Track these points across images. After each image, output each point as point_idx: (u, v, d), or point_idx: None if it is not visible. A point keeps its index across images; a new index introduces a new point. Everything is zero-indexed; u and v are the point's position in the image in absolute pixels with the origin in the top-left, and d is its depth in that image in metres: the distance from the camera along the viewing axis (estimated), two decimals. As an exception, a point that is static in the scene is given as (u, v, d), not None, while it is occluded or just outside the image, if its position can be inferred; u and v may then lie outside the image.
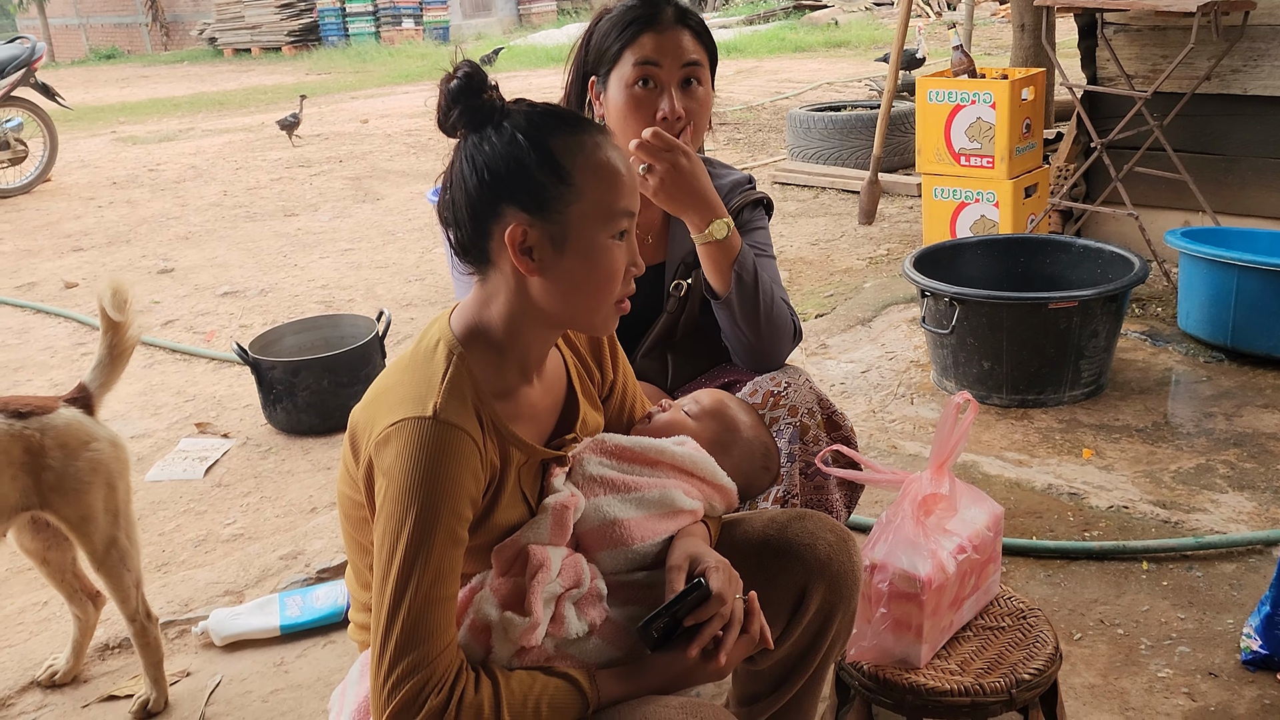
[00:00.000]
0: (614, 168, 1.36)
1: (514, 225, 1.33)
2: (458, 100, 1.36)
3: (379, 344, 3.83)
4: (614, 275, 1.37)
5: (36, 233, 6.75)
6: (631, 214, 1.38)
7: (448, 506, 1.28)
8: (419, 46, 17.48)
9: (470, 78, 1.36)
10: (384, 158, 8.41)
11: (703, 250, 1.90)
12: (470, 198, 1.36)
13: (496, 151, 1.34)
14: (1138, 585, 2.46)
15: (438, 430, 1.29)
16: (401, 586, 1.26)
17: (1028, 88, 4.59)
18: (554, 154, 1.33)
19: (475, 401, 1.35)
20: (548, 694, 1.32)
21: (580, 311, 1.39)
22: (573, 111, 1.41)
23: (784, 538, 1.57)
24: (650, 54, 1.88)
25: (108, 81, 15.83)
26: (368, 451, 1.33)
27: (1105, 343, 3.36)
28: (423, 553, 1.27)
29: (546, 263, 1.35)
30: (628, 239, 1.39)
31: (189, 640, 2.52)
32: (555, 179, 1.33)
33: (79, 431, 2.15)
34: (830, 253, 5.31)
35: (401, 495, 1.28)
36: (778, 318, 1.95)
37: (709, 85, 1.95)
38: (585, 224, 1.34)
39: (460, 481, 1.30)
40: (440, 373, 1.35)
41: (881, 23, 15.68)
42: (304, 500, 3.27)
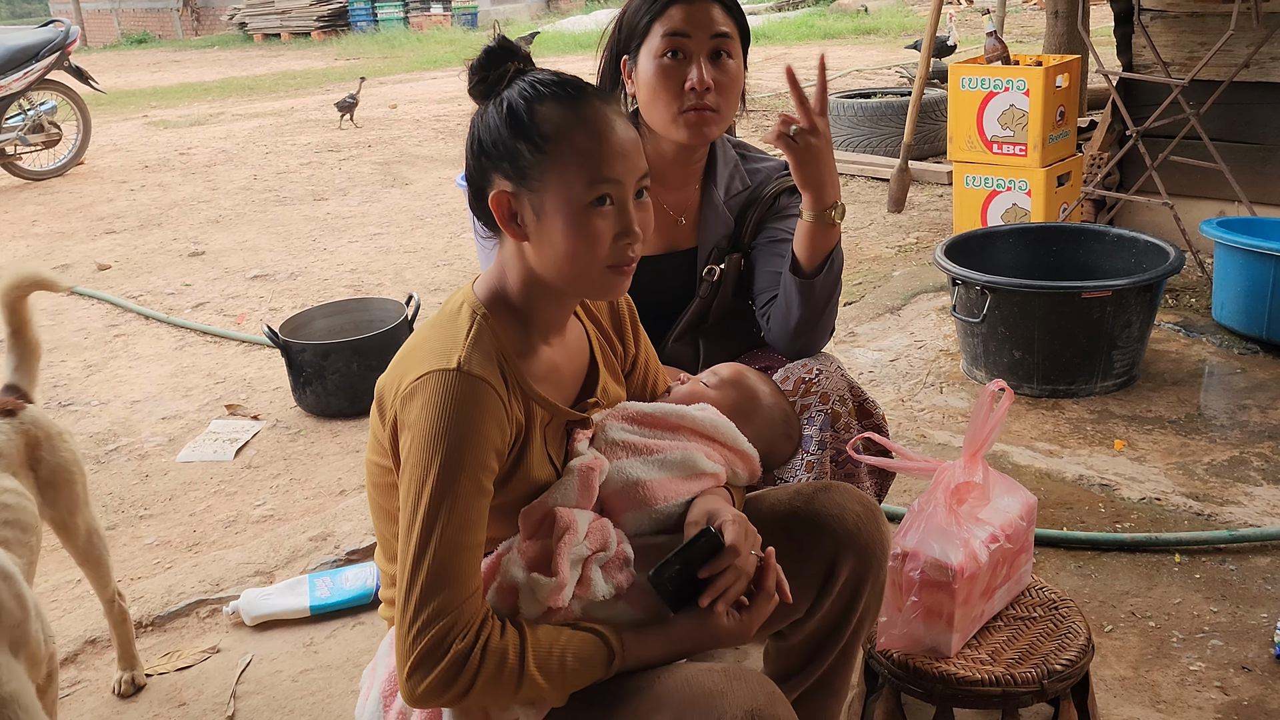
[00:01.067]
0: (598, 134, 1.36)
1: (498, 192, 1.37)
2: (475, 71, 1.41)
3: (408, 327, 3.84)
4: (595, 241, 1.36)
5: (70, 215, 6.81)
6: (617, 181, 1.36)
7: (472, 455, 1.30)
8: (447, 32, 17.50)
9: (490, 52, 1.40)
10: (412, 143, 8.43)
11: (807, 228, 1.87)
12: (470, 166, 1.42)
13: (489, 121, 1.39)
14: (1169, 578, 2.44)
15: (462, 381, 1.31)
16: (427, 533, 1.28)
17: (1062, 75, 4.54)
18: (534, 121, 1.35)
19: (500, 359, 1.38)
20: (573, 646, 1.33)
21: (571, 276, 1.40)
22: (575, 80, 1.41)
23: (811, 509, 1.57)
24: (679, 25, 1.87)
25: (139, 66, 15.94)
26: (393, 408, 1.36)
27: (1139, 333, 3.33)
28: (448, 499, 1.28)
29: (531, 229, 1.38)
30: (617, 207, 1.37)
31: (220, 619, 2.54)
32: (531, 146, 1.35)
33: (54, 424, 2.13)
34: (859, 241, 5.28)
35: (427, 444, 1.29)
36: (834, 311, 1.97)
37: (740, 60, 1.93)
38: (561, 191, 1.35)
39: (485, 432, 1.32)
40: (465, 330, 1.38)
41: (911, 9, 15.56)
42: (333, 482, 3.29)
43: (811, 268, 1.90)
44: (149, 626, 2.53)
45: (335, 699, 2.25)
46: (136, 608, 2.56)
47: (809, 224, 1.86)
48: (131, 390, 4.09)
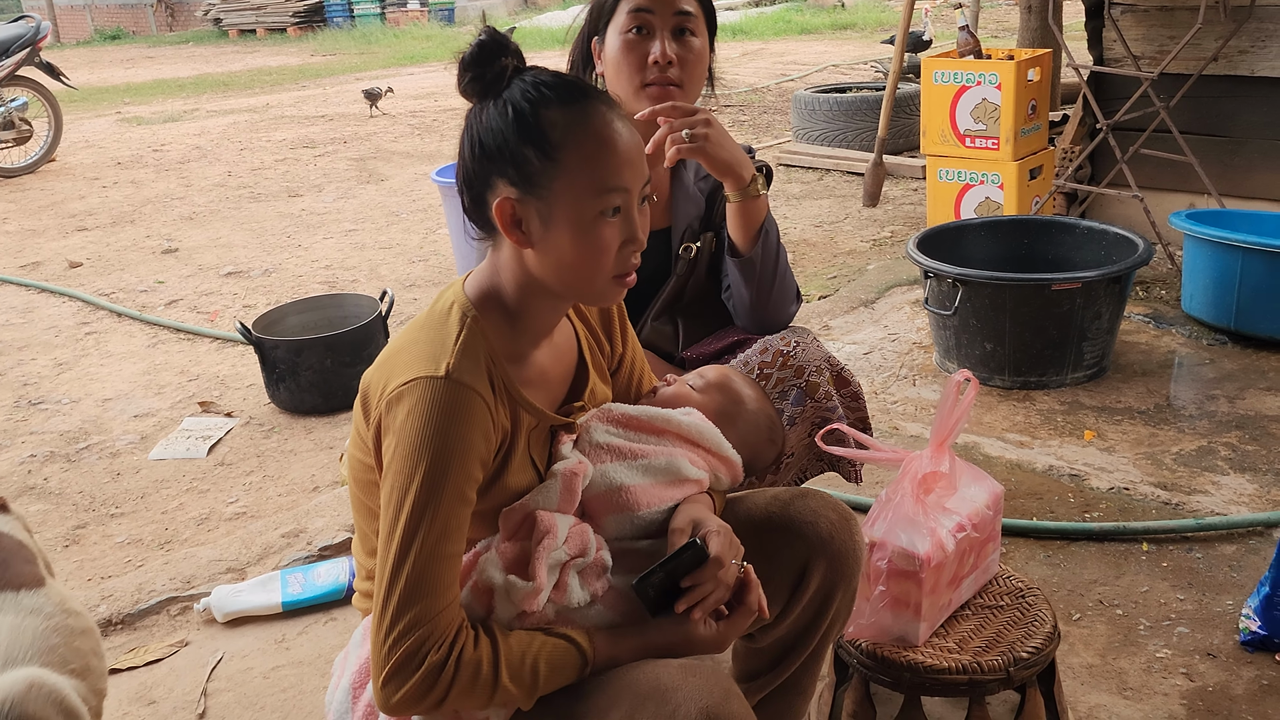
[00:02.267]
0: (607, 142, 1.33)
1: (502, 198, 1.33)
2: (469, 68, 1.36)
3: (382, 323, 3.83)
4: (603, 251, 1.35)
5: (41, 212, 6.76)
6: (625, 190, 1.34)
7: (457, 465, 1.29)
8: (424, 28, 17.43)
9: (483, 46, 1.35)
10: (388, 139, 8.39)
11: (737, 208, 1.91)
12: (467, 168, 1.37)
13: (489, 122, 1.34)
14: (1137, 566, 2.46)
15: (450, 390, 1.29)
16: (407, 542, 1.27)
17: (1034, 69, 4.57)
18: (542, 127, 1.32)
19: (488, 364, 1.35)
20: (545, 652, 1.33)
21: (574, 285, 1.38)
22: (579, 82, 1.38)
23: (786, 515, 1.57)
24: (643, 1, 1.91)
25: (112, 62, 15.81)
26: (378, 410, 1.34)
27: (1108, 325, 3.35)
28: (430, 509, 1.27)
29: (536, 236, 1.34)
30: (624, 215, 1.35)
31: (191, 617, 2.53)
32: (540, 154, 1.31)
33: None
34: (834, 234, 5.30)
35: (412, 452, 1.28)
36: (789, 280, 2.00)
37: (705, 39, 1.96)
38: (571, 200, 1.32)
39: (471, 441, 1.30)
40: (454, 334, 1.35)
41: (888, 5, 15.60)
42: (306, 479, 3.27)
43: (748, 245, 1.93)
44: (119, 625, 2.51)
45: (307, 695, 2.24)
46: (106, 606, 2.54)
47: (738, 205, 1.91)
48: (103, 388, 4.06)
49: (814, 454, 1.94)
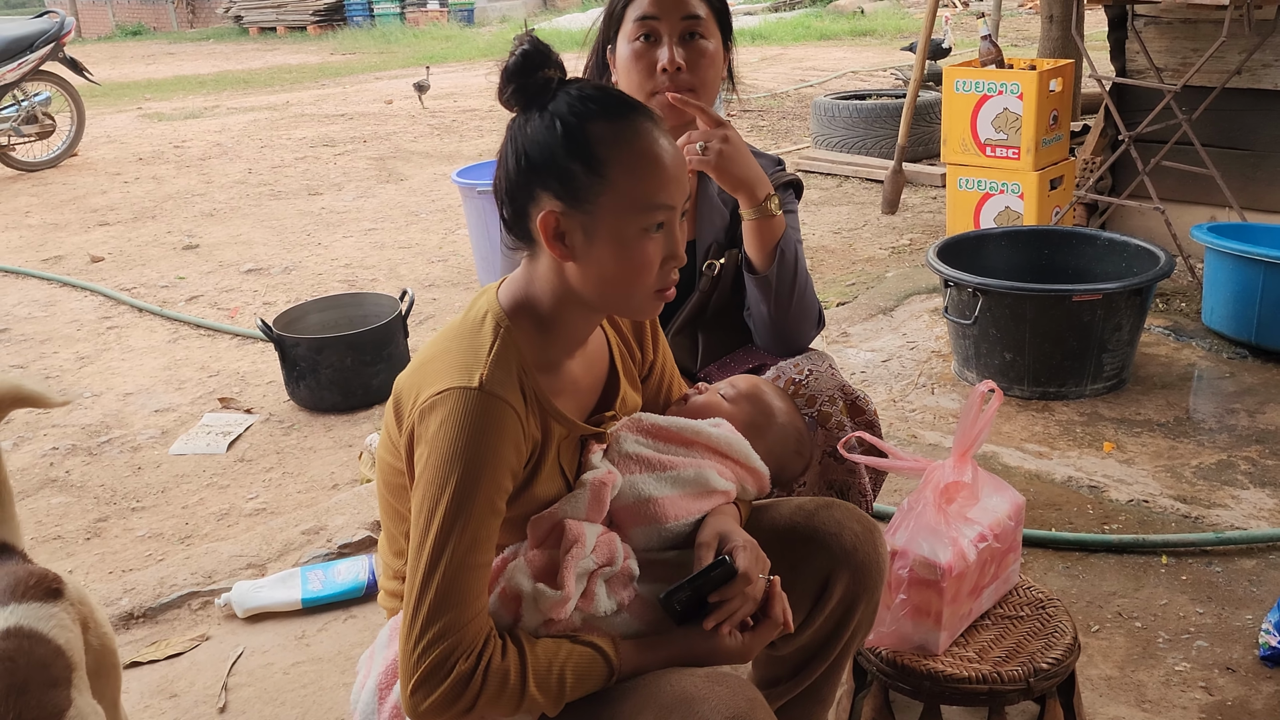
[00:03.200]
0: (653, 159, 1.34)
1: (546, 211, 1.33)
2: (513, 78, 1.36)
3: (402, 323, 3.85)
4: (646, 267, 1.36)
5: (63, 207, 6.80)
6: (670, 207, 1.35)
7: (488, 476, 1.30)
8: (443, 28, 17.48)
9: (527, 55, 1.35)
10: (408, 139, 8.42)
11: (752, 225, 1.90)
12: (510, 178, 1.37)
13: (535, 134, 1.34)
14: (1156, 579, 2.46)
15: (482, 401, 1.30)
16: (437, 553, 1.28)
17: (1056, 79, 4.56)
18: (589, 142, 1.32)
19: (520, 375, 1.36)
20: (572, 661, 1.34)
21: (615, 299, 1.39)
22: (624, 96, 1.39)
23: (810, 525, 1.57)
24: (648, 8, 1.90)
25: (134, 58, 15.90)
26: (411, 418, 1.35)
27: (1128, 337, 3.35)
28: (460, 520, 1.28)
29: (579, 250, 1.35)
30: (666, 231, 1.36)
31: (212, 611, 2.55)
32: (587, 169, 1.32)
33: (88, 595, 1.70)
34: (853, 241, 5.30)
35: (443, 463, 1.29)
36: (809, 301, 1.98)
37: (717, 41, 1.93)
38: (617, 216, 1.33)
39: (502, 453, 1.31)
40: (488, 344, 1.35)
41: (908, 12, 15.58)
42: (325, 476, 3.29)
43: (764, 263, 1.92)
44: (141, 618, 2.53)
45: (326, 691, 2.26)
46: (128, 599, 2.56)
47: (752, 222, 1.90)
48: (124, 382, 4.09)
49: (824, 481, 1.94)
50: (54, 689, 1.47)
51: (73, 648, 1.54)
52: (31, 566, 1.63)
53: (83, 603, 1.64)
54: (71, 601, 1.60)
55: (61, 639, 1.53)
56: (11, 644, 1.46)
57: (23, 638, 1.48)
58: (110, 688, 1.70)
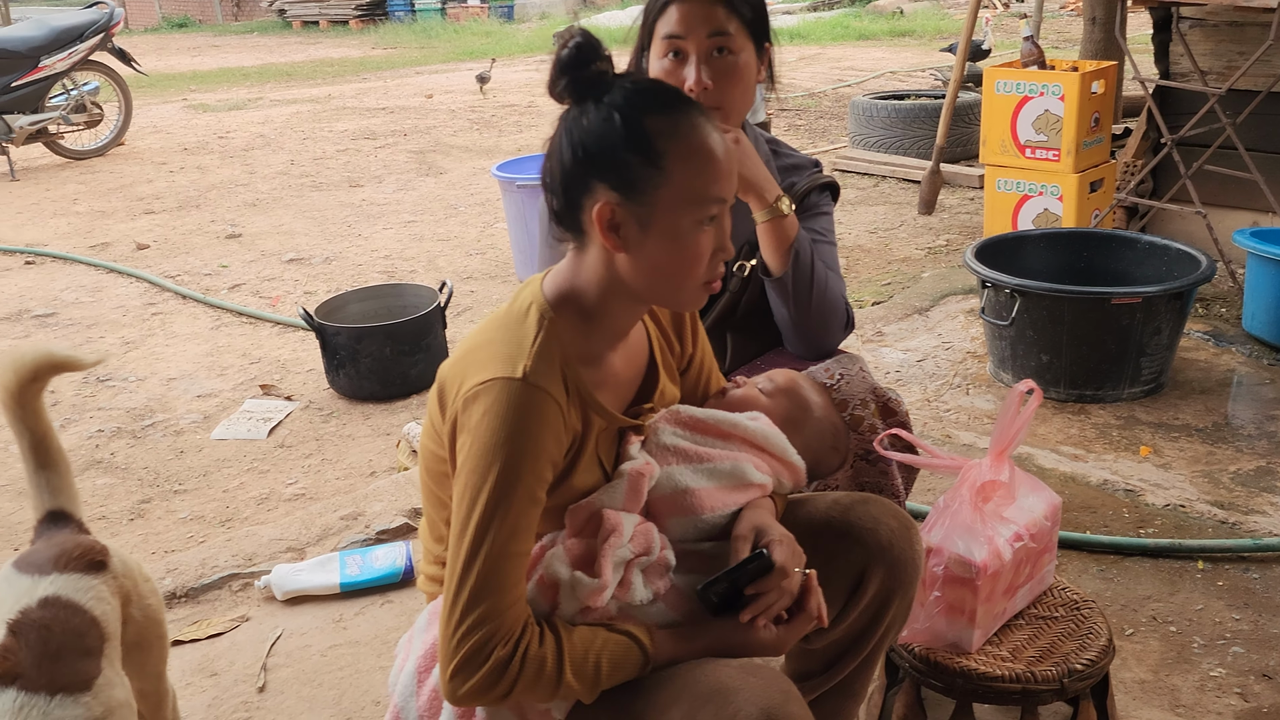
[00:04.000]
0: (708, 152, 1.36)
1: (602, 203, 1.35)
2: (566, 70, 1.37)
3: (440, 314, 3.89)
4: (698, 259, 1.38)
5: (110, 195, 6.91)
6: (723, 200, 1.38)
7: (529, 466, 1.32)
8: (483, 24, 17.53)
9: (580, 48, 1.37)
10: (447, 133, 8.48)
11: (765, 228, 1.92)
12: (564, 170, 1.38)
13: (592, 126, 1.36)
14: (1192, 584, 2.45)
15: (525, 392, 1.32)
16: (478, 541, 1.30)
17: (1098, 81, 4.53)
18: (647, 135, 1.34)
19: (563, 366, 1.38)
20: (608, 650, 1.36)
21: (664, 290, 1.41)
22: (676, 90, 1.40)
23: (846, 520, 1.58)
24: (674, 26, 1.87)
25: (179, 49, 16.09)
26: (454, 407, 1.37)
27: (1168, 341, 3.33)
28: (501, 509, 1.30)
29: (632, 241, 1.37)
30: (718, 223, 1.39)
31: (252, 593, 2.59)
32: (645, 160, 1.34)
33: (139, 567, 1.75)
34: (889, 241, 5.29)
35: (485, 452, 1.31)
36: (830, 303, 1.97)
37: (748, 53, 1.89)
38: (672, 208, 1.35)
39: (543, 443, 1.33)
40: (531, 336, 1.38)
41: (947, 13, 15.48)
42: (364, 464, 3.34)
43: (780, 266, 1.93)
44: (183, 598, 2.58)
45: (363, 674, 2.29)
46: (171, 579, 2.61)
47: (765, 224, 1.91)
48: (168, 367, 4.16)
49: (857, 484, 1.94)
50: (86, 658, 1.51)
51: (109, 619, 1.58)
52: (80, 538, 1.68)
53: (127, 575, 1.67)
54: (115, 574, 1.63)
55: (98, 610, 1.57)
56: (49, 613, 1.52)
57: (60, 607, 1.53)
58: (154, 659, 1.74)
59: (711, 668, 1.35)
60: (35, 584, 1.55)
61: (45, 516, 1.72)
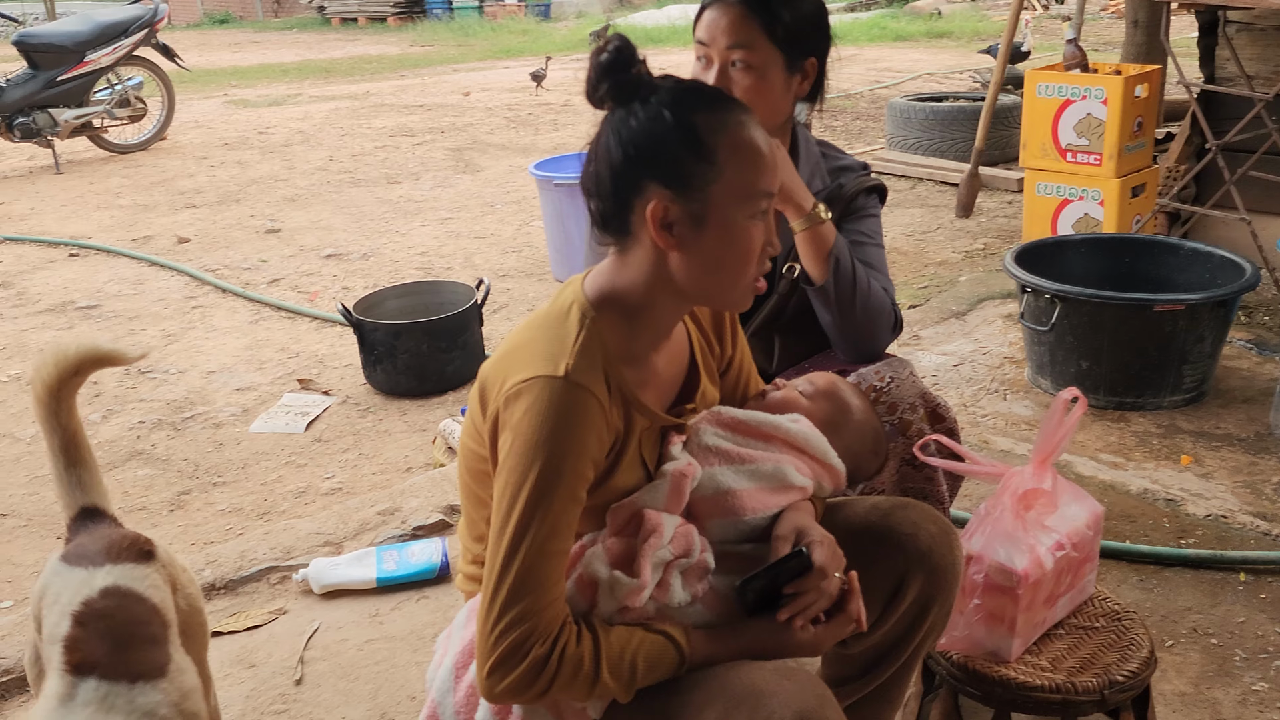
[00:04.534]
0: (756, 147, 1.37)
1: (655, 201, 1.36)
2: (607, 74, 1.38)
3: (477, 312, 3.91)
4: (751, 254, 1.39)
5: (153, 189, 7.00)
6: (771, 194, 1.39)
7: (570, 465, 1.32)
8: (521, 22, 17.60)
9: (620, 51, 1.38)
10: (484, 130, 8.51)
11: (804, 237, 1.91)
12: (614, 171, 1.39)
13: (641, 126, 1.37)
14: (1234, 596, 2.42)
15: (567, 390, 1.33)
16: (518, 539, 1.31)
17: (1141, 84, 4.48)
18: (698, 131, 1.35)
19: (605, 365, 1.39)
20: (644, 649, 1.36)
21: (715, 288, 1.41)
22: (718, 89, 1.43)
23: (886, 525, 1.58)
24: (700, 32, 1.90)
25: (220, 45, 16.26)
26: (496, 405, 1.38)
27: (1210, 349, 3.29)
28: (541, 507, 1.31)
29: (685, 239, 1.37)
30: (766, 219, 1.40)
31: (289, 586, 2.62)
32: (697, 157, 1.35)
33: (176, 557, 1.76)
34: (925, 244, 5.26)
35: (526, 450, 1.32)
36: (875, 307, 1.96)
37: (772, 72, 1.88)
38: (725, 203, 1.36)
39: (585, 442, 1.34)
40: (573, 334, 1.38)
41: (986, 14, 15.36)
42: (400, 459, 3.36)
43: (821, 273, 1.92)
44: (221, 590, 2.61)
45: (399, 669, 2.31)
46: (210, 570, 2.64)
47: (804, 233, 1.91)
48: (208, 360, 4.20)
49: (901, 490, 1.93)
50: (154, 645, 1.53)
51: (167, 606, 1.60)
52: (124, 529, 1.69)
53: (171, 564, 1.69)
54: (163, 563, 1.65)
55: (156, 598, 1.58)
56: (111, 602, 1.53)
57: (121, 596, 1.54)
58: (197, 648, 1.74)
59: (747, 670, 1.35)
60: (91, 575, 1.55)
61: (79, 513, 1.72)
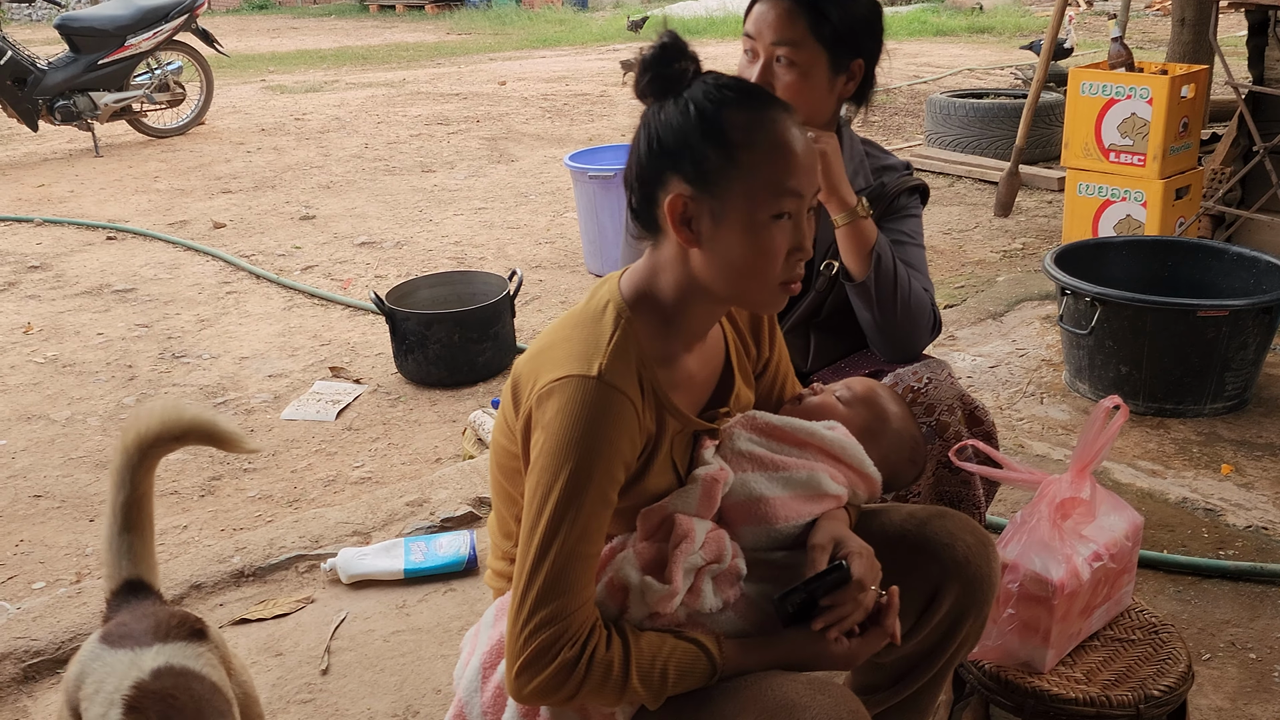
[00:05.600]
0: (785, 147, 1.34)
1: (675, 195, 1.35)
2: (649, 67, 1.38)
3: (509, 303, 3.90)
4: (772, 256, 1.36)
5: (190, 174, 7.04)
6: (799, 195, 1.36)
7: (602, 466, 1.31)
8: (557, 12, 17.57)
9: (665, 47, 1.37)
10: (519, 120, 8.51)
11: (846, 231, 1.90)
12: (641, 164, 1.39)
13: (670, 120, 1.36)
14: (1274, 610, 2.37)
15: (600, 391, 1.31)
16: (548, 540, 1.30)
17: (1188, 85, 4.41)
18: (723, 127, 1.33)
19: (639, 366, 1.37)
20: (675, 657, 1.35)
21: (739, 288, 1.39)
22: (759, 87, 1.40)
23: (922, 534, 1.56)
24: (749, 25, 1.89)
25: (259, 31, 16.33)
26: (528, 403, 1.36)
27: (1254, 356, 3.23)
28: (572, 509, 1.30)
29: (705, 235, 1.35)
30: (794, 221, 1.36)
31: (317, 575, 2.62)
32: (719, 152, 1.33)
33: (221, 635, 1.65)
34: (963, 243, 5.20)
35: (558, 450, 1.30)
36: (915, 307, 1.93)
37: (817, 71, 1.86)
38: (745, 200, 1.33)
39: (617, 443, 1.32)
40: (608, 334, 1.37)
41: (1029, 9, 15.18)
42: (429, 450, 3.36)
43: (862, 270, 1.90)
44: (250, 576, 2.62)
45: (425, 662, 2.31)
46: (239, 558, 2.65)
47: (846, 228, 1.89)
48: (241, 346, 4.22)
49: (937, 493, 1.91)
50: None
51: (225, 685, 1.49)
52: (172, 607, 1.58)
53: (223, 646, 1.58)
54: (215, 643, 1.54)
55: (214, 676, 1.47)
56: (168, 682, 1.41)
57: (177, 675, 1.43)
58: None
59: (779, 681, 1.33)
60: (138, 657, 1.43)
61: (122, 586, 1.57)
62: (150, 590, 1.59)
